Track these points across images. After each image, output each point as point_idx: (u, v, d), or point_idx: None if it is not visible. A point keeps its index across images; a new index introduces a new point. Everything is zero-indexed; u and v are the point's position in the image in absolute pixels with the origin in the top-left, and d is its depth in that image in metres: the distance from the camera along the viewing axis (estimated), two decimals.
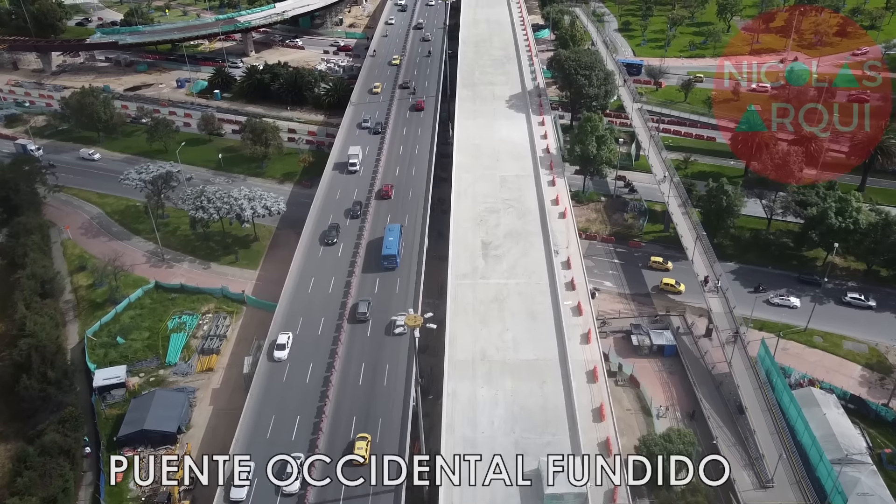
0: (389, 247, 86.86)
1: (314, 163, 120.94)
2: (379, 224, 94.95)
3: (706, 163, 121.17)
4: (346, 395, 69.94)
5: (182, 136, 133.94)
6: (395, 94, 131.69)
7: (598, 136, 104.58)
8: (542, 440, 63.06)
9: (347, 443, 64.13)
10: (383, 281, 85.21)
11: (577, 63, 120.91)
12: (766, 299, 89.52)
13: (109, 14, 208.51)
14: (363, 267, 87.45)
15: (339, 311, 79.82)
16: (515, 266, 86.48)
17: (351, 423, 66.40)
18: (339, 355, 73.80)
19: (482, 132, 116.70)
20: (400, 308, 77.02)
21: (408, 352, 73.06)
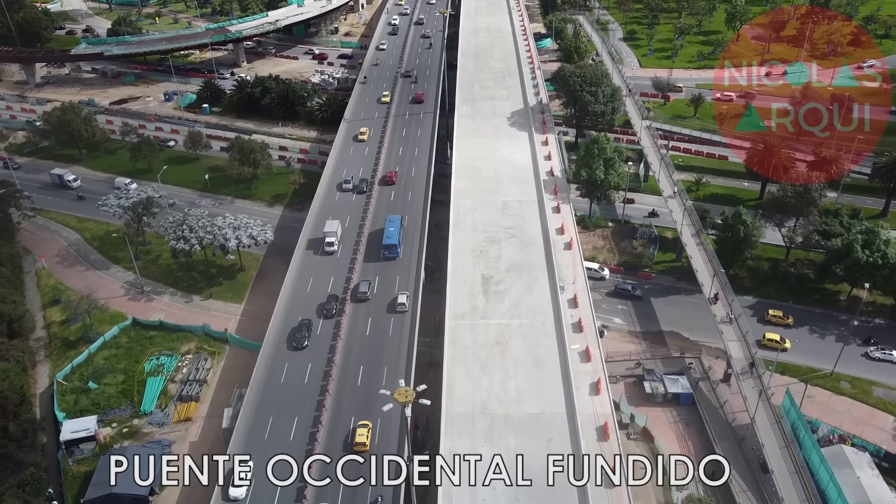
0: (390, 237, 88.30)
1: (305, 184, 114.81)
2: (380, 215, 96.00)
3: (719, 184, 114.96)
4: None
5: (168, 155, 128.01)
6: (387, 133, 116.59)
7: (605, 158, 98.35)
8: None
9: (349, 430, 65.09)
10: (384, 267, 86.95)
11: (583, 79, 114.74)
12: (865, 352, 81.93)
13: (98, 22, 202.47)
14: (364, 257, 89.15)
15: (326, 358, 73.82)
16: (518, 304, 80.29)
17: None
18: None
19: (482, 152, 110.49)
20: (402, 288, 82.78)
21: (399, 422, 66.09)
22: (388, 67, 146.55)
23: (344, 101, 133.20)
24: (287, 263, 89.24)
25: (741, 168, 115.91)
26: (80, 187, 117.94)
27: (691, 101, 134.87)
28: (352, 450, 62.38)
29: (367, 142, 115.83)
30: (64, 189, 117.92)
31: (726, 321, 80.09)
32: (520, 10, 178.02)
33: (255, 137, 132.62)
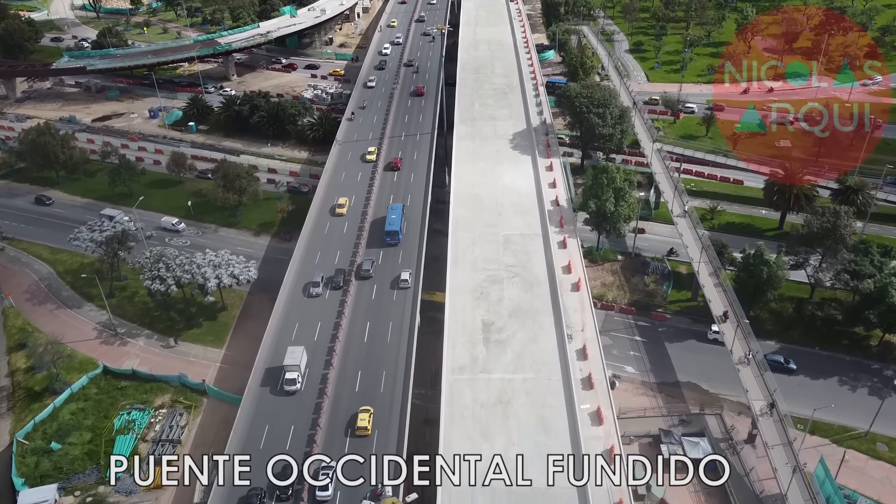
0: (392, 223, 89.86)
1: (295, 211, 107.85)
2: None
3: (735, 212, 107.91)
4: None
5: (150, 177, 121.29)
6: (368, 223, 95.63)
7: (615, 188, 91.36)
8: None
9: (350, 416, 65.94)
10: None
11: (590, 100, 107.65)
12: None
13: (85, 31, 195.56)
14: (367, 242, 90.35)
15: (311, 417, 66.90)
16: (522, 355, 73.28)
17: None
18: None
19: (483, 179, 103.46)
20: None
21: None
22: (376, 110, 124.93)
23: (337, 119, 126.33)
24: (273, 301, 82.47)
25: (758, 194, 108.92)
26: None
27: (703, 119, 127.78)
28: (353, 434, 64.22)
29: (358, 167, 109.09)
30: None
31: (744, 362, 73.44)
32: (521, 20, 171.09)
33: (243, 158, 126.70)
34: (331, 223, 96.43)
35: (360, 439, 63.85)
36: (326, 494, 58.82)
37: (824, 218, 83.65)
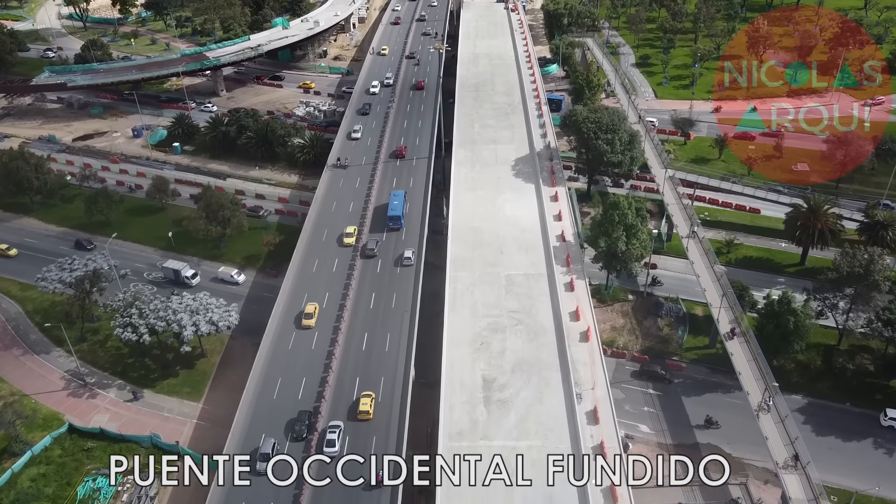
0: (395, 209, 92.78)
1: (282, 242, 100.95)
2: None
3: (752, 244, 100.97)
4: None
5: (131, 203, 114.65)
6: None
7: (626, 224, 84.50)
8: None
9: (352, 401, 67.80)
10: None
11: (598, 125, 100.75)
12: None
13: (71, 42, 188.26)
14: (371, 227, 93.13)
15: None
16: (527, 418, 66.50)
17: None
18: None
19: (483, 210, 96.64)
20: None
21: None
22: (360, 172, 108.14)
23: (330, 140, 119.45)
24: (257, 346, 75.83)
25: (776, 225, 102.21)
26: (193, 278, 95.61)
27: (715, 141, 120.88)
28: (356, 417, 66.04)
29: (350, 193, 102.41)
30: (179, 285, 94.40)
31: (764, 409, 67.01)
32: (523, 31, 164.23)
33: (230, 182, 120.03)
34: (319, 259, 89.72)
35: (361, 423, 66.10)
36: (334, 450, 62.40)
37: (855, 261, 76.67)
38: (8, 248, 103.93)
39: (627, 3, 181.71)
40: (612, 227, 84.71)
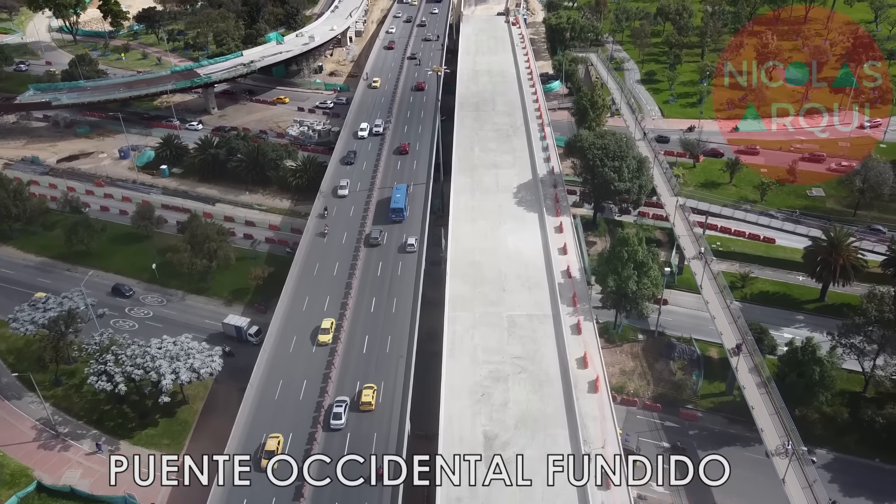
0: (397, 202, 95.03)
1: (272, 275, 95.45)
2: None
3: (768, 277, 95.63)
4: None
5: (115, 230, 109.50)
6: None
7: (637, 262, 79.21)
8: None
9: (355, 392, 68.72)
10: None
11: (604, 151, 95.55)
12: None
13: (61, 56, 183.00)
14: (374, 220, 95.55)
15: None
16: (533, 484, 60.82)
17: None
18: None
19: (484, 242, 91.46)
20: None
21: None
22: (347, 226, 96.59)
23: (324, 164, 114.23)
24: (243, 391, 70.53)
25: (793, 256, 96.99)
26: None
27: (727, 164, 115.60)
28: (358, 409, 67.02)
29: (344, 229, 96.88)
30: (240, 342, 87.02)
31: (781, 451, 62.53)
32: (524, 46, 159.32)
33: (219, 207, 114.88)
34: (310, 297, 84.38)
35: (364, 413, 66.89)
36: (340, 423, 65.29)
37: (884, 304, 71.33)
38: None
39: (632, 17, 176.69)
40: (622, 264, 79.45)
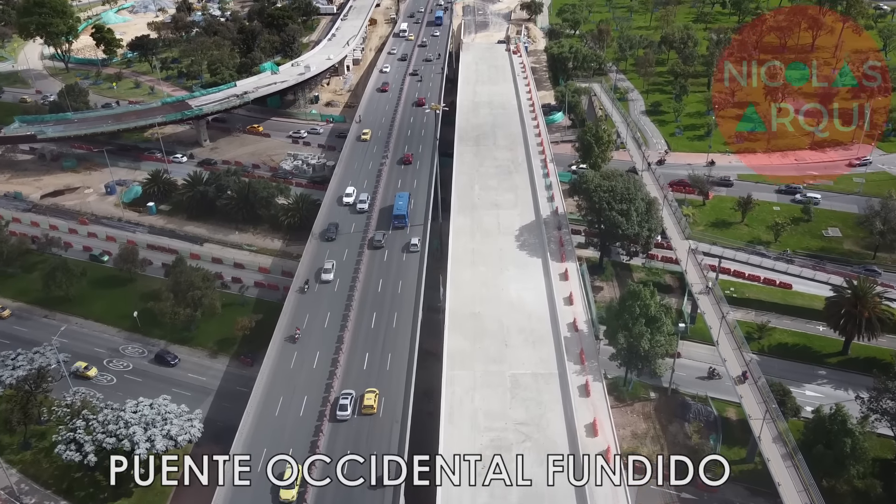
0: (400, 208, 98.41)
1: (260, 323, 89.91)
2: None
3: (786, 327, 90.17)
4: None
5: (97, 272, 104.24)
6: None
7: (649, 317, 73.83)
8: None
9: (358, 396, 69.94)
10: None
11: (611, 194, 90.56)
12: None
13: (52, 85, 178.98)
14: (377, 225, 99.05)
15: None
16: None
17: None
18: None
19: (484, 291, 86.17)
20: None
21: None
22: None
23: (317, 202, 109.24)
24: (226, 453, 64.80)
25: (811, 303, 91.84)
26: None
27: (739, 202, 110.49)
28: (360, 412, 68.60)
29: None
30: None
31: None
32: (526, 75, 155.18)
33: (207, 248, 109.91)
34: (299, 351, 79.00)
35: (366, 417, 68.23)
36: (346, 414, 67.76)
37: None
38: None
39: (635, 46, 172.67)
40: (632, 319, 74.05)
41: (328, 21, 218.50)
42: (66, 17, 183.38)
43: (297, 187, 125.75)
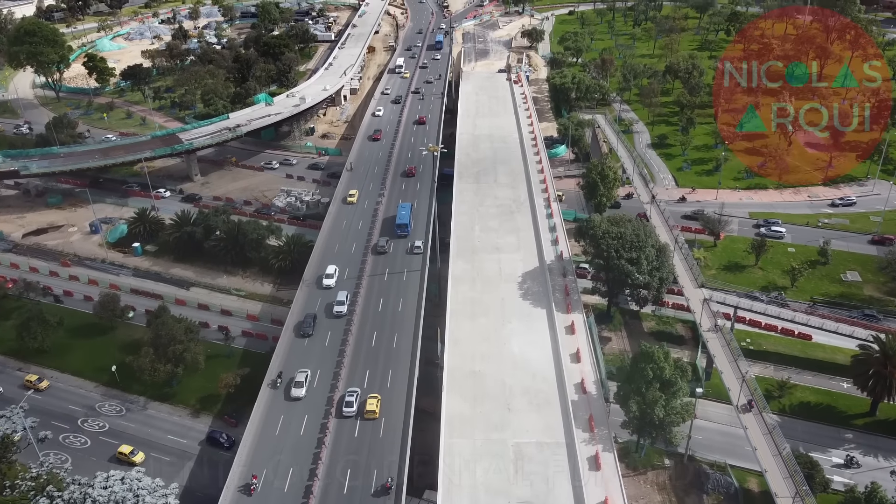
0: (402, 218, 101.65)
1: (247, 378, 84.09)
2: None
3: (807, 383, 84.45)
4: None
5: (77, 319, 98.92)
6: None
7: (663, 380, 68.20)
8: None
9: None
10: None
11: (620, 242, 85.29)
12: None
13: (42, 115, 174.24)
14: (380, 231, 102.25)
15: None
16: None
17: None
18: None
19: (486, 347, 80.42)
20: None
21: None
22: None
23: (310, 244, 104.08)
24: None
25: (834, 357, 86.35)
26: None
27: (752, 244, 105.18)
28: (363, 416, 70.28)
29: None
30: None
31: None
32: (527, 106, 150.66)
33: (193, 292, 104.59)
34: (286, 413, 73.27)
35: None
36: (351, 410, 70.61)
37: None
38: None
39: (639, 75, 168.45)
40: (646, 384, 68.37)
41: (326, 49, 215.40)
42: (57, 46, 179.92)
43: (291, 224, 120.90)
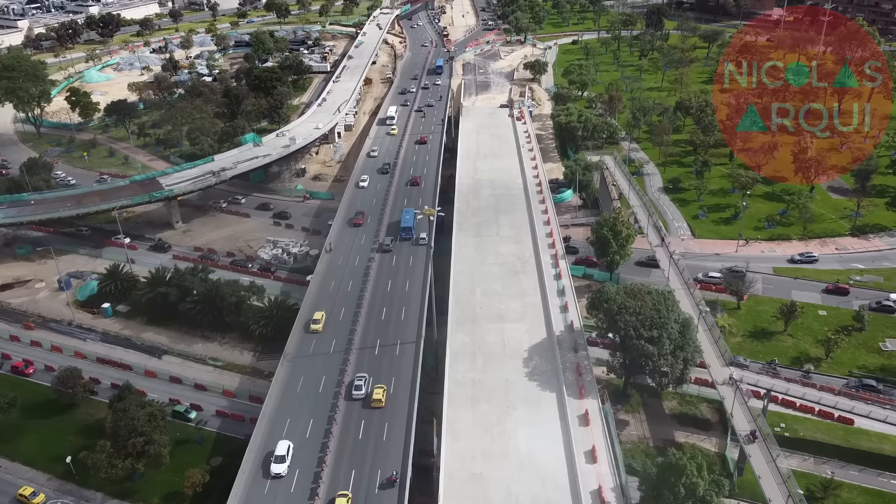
0: (406, 221, 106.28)
1: (219, 470, 74.43)
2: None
3: (853, 481, 74.40)
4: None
5: (35, 396, 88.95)
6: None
7: (696, 497, 58.28)
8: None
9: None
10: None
11: (639, 318, 75.63)
12: None
13: (20, 153, 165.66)
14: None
15: None
16: None
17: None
18: None
19: (488, 442, 70.55)
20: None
21: None
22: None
23: (295, 306, 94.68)
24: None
25: (883, 445, 76.42)
26: None
27: (781, 312, 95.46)
28: (370, 405, 73.01)
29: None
30: None
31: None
32: (531, 147, 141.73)
33: (166, 361, 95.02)
34: None
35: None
36: (360, 393, 74.14)
37: None
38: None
39: (649, 112, 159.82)
40: (674, 496, 58.49)
41: (321, 80, 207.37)
42: (38, 80, 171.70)
43: (276, 281, 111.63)
